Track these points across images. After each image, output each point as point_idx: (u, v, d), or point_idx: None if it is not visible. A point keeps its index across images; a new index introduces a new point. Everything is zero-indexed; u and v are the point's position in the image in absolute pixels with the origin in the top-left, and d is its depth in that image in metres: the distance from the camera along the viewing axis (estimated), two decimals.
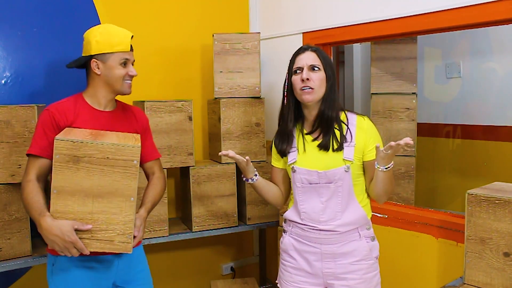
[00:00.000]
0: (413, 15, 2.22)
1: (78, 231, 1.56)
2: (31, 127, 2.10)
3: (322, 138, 1.79)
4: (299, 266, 1.86)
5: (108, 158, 1.50)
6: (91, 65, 1.81)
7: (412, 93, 3.03)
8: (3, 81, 2.35)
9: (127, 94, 1.87)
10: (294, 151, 1.84)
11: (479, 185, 1.84)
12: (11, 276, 2.40)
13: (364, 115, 1.85)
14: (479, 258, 1.73)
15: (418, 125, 3.08)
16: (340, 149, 1.76)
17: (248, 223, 2.74)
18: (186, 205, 2.74)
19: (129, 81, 1.86)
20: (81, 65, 1.86)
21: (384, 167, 1.67)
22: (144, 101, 2.45)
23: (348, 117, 1.82)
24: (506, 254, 1.67)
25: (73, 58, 1.89)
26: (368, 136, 1.79)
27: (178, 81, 2.90)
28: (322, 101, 1.79)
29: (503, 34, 3.16)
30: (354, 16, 2.50)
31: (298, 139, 1.85)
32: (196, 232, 2.62)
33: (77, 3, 2.53)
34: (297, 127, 1.86)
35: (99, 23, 2.57)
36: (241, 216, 2.77)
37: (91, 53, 1.80)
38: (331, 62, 1.82)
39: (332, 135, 1.78)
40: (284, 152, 1.86)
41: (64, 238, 1.54)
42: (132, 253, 1.82)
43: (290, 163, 1.84)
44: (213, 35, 2.69)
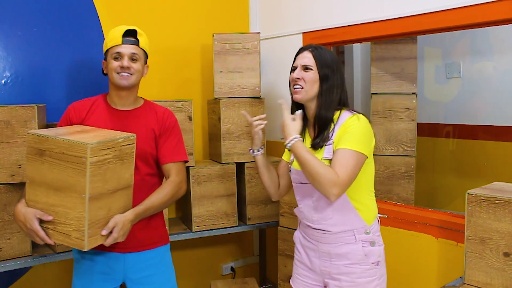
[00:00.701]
0: (413, 15, 2.22)
1: (42, 221, 1.60)
2: (31, 127, 2.10)
3: (316, 137, 1.78)
4: (302, 260, 1.90)
5: (63, 153, 1.53)
6: (103, 67, 1.91)
7: (412, 93, 3.03)
8: (3, 81, 2.35)
9: (124, 85, 1.84)
10: None
11: (479, 185, 1.84)
12: (11, 276, 2.40)
13: (360, 114, 1.76)
14: (479, 258, 1.73)
15: (418, 125, 3.08)
16: (321, 147, 1.74)
17: (248, 223, 2.74)
18: (186, 205, 2.74)
19: (124, 73, 1.83)
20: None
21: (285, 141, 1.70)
22: None
23: (341, 115, 1.76)
24: (506, 254, 1.66)
25: (73, 58, 1.90)
26: (346, 131, 1.70)
27: (178, 81, 2.90)
28: (317, 101, 1.78)
29: (503, 34, 3.16)
30: (354, 16, 2.50)
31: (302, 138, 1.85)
32: (196, 232, 2.62)
33: (77, 3, 2.53)
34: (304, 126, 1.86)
35: (99, 23, 2.58)
36: (241, 216, 2.77)
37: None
38: (330, 63, 1.77)
39: (323, 133, 1.76)
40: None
41: (26, 225, 1.60)
42: (143, 253, 1.87)
43: (290, 162, 1.88)
44: (213, 35, 2.69)
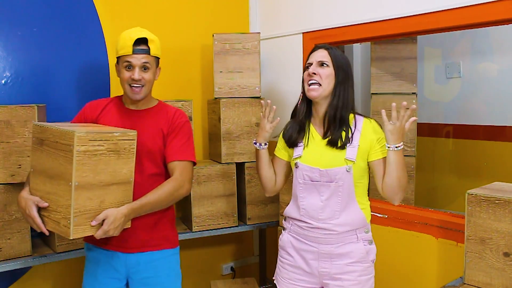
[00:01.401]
0: (413, 15, 2.22)
1: (40, 208, 1.63)
2: (31, 127, 2.10)
3: (332, 135, 1.80)
4: (296, 264, 1.87)
5: (57, 142, 1.59)
6: (116, 69, 1.91)
7: (412, 93, 3.03)
8: (3, 81, 2.35)
9: (133, 99, 1.86)
10: (301, 146, 1.86)
11: (479, 185, 1.85)
12: (11, 276, 2.40)
13: (371, 118, 1.86)
14: (479, 258, 1.73)
15: (418, 125, 3.08)
16: (343, 148, 1.78)
17: (248, 223, 2.74)
18: (186, 205, 2.74)
19: (135, 86, 1.83)
20: None
21: (394, 145, 1.67)
22: None
23: (356, 119, 1.84)
24: (506, 254, 1.67)
25: (73, 58, 1.90)
26: (375, 137, 1.80)
27: (178, 81, 2.90)
28: (332, 99, 1.80)
29: (503, 34, 3.16)
30: (354, 16, 2.50)
31: (305, 134, 1.87)
32: (196, 232, 2.62)
33: (77, 3, 2.52)
34: (306, 122, 1.88)
35: (99, 23, 2.58)
36: (241, 216, 2.77)
37: (115, 58, 1.91)
38: (344, 62, 1.82)
39: (340, 133, 1.79)
40: (294, 143, 1.87)
41: (25, 211, 1.63)
42: (144, 254, 1.88)
43: (295, 158, 1.86)
44: (213, 35, 2.69)
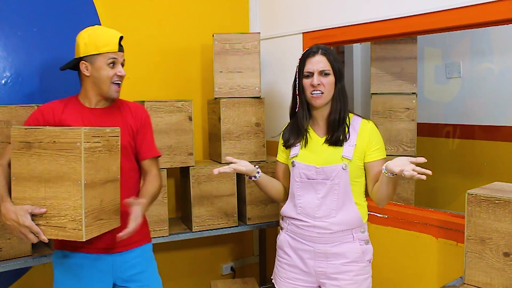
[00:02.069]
0: (413, 15, 2.22)
1: (34, 215, 1.56)
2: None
3: (332, 135, 1.82)
4: (293, 263, 1.89)
5: (54, 142, 1.53)
6: (81, 67, 1.84)
7: (412, 93, 3.03)
8: (3, 81, 2.35)
9: (114, 97, 1.86)
10: (297, 146, 1.89)
11: (479, 185, 1.85)
12: (11, 276, 2.40)
13: (369, 120, 1.89)
14: (479, 258, 1.73)
15: (418, 125, 3.08)
16: (340, 146, 1.80)
17: (248, 223, 2.74)
18: (186, 205, 2.74)
19: (118, 83, 1.84)
20: (73, 67, 1.88)
21: (391, 173, 1.69)
22: (144, 101, 2.45)
23: (353, 119, 1.86)
24: (506, 254, 1.67)
25: (73, 58, 1.89)
26: (371, 138, 1.83)
27: (178, 81, 2.90)
28: (332, 103, 1.83)
29: (503, 34, 3.16)
30: (354, 16, 2.50)
31: (303, 136, 1.89)
32: (196, 232, 2.62)
33: (77, 3, 2.52)
34: (305, 125, 1.89)
35: (99, 23, 2.57)
36: (241, 216, 2.77)
37: (80, 55, 1.83)
38: (339, 64, 1.85)
39: (340, 132, 1.81)
40: (292, 145, 1.90)
41: (19, 222, 1.54)
42: (129, 252, 1.86)
43: (292, 157, 1.89)
44: (213, 35, 2.69)
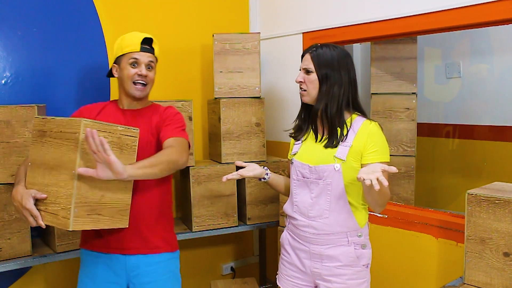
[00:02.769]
0: (413, 15, 2.22)
1: (37, 200, 1.61)
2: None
3: (325, 134, 1.81)
4: (292, 262, 1.90)
5: (61, 131, 1.56)
6: (112, 69, 1.93)
7: (412, 93, 3.04)
8: (3, 81, 2.35)
9: (136, 96, 1.89)
10: (298, 144, 1.90)
11: (479, 185, 1.84)
12: (11, 276, 2.40)
13: (374, 121, 1.81)
14: (479, 258, 1.73)
15: (418, 125, 3.08)
16: (335, 147, 1.76)
17: (248, 223, 2.74)
18: (186, 205, 2.74)
19: (140, 83, 1.87)
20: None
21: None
22: None
23: (355, 120, 1.80)
24: (506, 254, 1.67)
25: (73, 58, 1.90)
26: (369, 139, 1.75)
27: (178, 81, 2.90)
28: (319, 100, 1.79)
29: (503, 34, 3.16)
30: (354, 16, 2.50)
31: (306, 133, 1.90)
32: (196, 232, 2.62)
33: (77, 3, 2.52)
34: (308, 122, 1.91)
35: (99, 23, 2.58)
36: (241, 216, 2.77)
37: (113, 59, 1.94)
38: (330, 61, 1.77)
39: (334, 132, 1.78)
40: (296, 138, 1.93)
41: (22, 204, 1.60)
42: (144, 256, 1.87)
43: (292, 155, 1.91)
44: (213, 35, 2.69)
